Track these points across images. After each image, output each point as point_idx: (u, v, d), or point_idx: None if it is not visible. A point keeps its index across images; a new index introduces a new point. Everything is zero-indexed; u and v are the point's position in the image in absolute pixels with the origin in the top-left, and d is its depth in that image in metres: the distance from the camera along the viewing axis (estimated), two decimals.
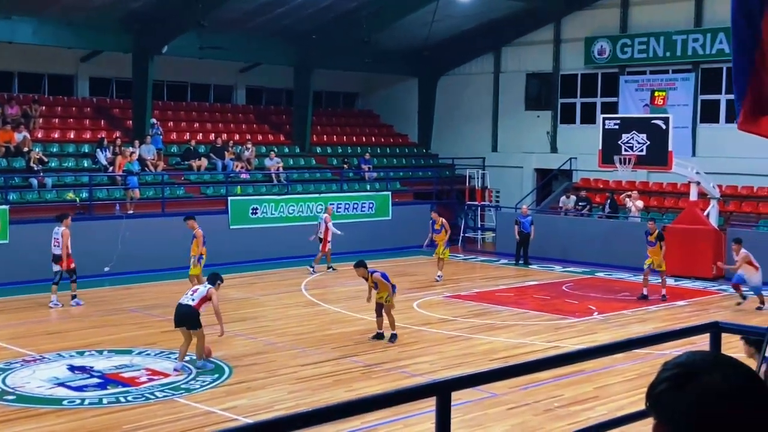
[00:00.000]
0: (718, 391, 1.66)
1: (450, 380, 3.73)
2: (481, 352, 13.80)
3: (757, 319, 15.77)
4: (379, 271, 14.75)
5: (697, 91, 25.93)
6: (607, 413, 10.12)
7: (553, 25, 29.05)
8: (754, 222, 23.06)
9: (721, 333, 5.22)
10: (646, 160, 21.29)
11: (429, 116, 32.30)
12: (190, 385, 11.73)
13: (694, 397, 1.67)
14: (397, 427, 9.81)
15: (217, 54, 25.47)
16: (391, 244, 25.33)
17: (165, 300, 18.02)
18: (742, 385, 1.69)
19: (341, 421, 8.88)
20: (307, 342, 14.38)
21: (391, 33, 27.74)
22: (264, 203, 23.80)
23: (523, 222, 23.41)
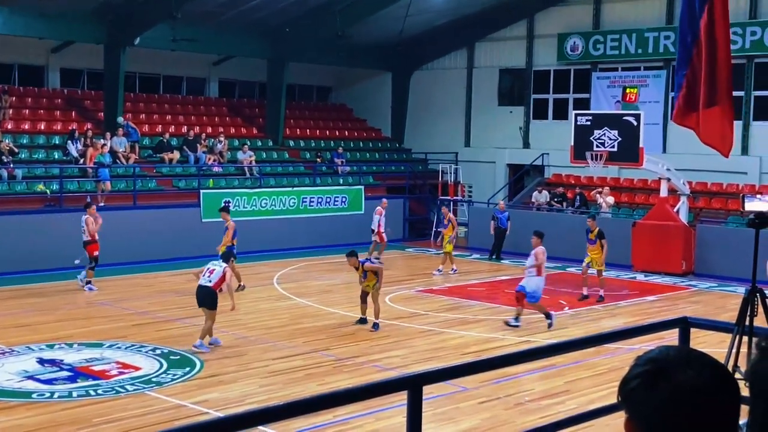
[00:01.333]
0: (691, 388, 1.68)
1: (422, 374, 3.76)
2: (452, 347, 13.86)
3: (725, 315, 15.95)
4: (370, 260, 15.32)
5: (668, 88, 26.14)
6: (578, 407, 10.21)
7: (527, 21, 29.17)
8: (723, 218, 23.33)
9: (690, 328, 5.29)
10: (617, 156, 21.45)
11: (402, 111, 32.33)
12: (161, 379, 11.67)
13: (667, 394, 1.68)
14: (368, 420, 9.84)
15: (190, 46, 25.29)
16: (364, 239, 25.29)
17: (136, 293, 17.95)
18: (714, 382, 1.71)
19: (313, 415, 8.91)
20: (278, 336, 14.36)
21: (365, 27, 27.70)
22: (236, 196, 23.70)
23: (500, 217, 23.53)
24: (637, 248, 21.66)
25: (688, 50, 5.77)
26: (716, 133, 5.96)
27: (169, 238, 21.77)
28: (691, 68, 5.80)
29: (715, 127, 5.88)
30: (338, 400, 3.82)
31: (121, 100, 24.75)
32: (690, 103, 5.83)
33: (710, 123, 5.85)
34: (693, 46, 5.77)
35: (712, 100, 5.78)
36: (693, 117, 5.92)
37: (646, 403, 1.70)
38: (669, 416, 1.68)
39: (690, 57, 5.76)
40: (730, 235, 20.93)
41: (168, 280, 19.48)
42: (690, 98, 5.84)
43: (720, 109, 5.83)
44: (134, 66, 26.44)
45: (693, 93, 5.86)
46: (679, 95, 5.76)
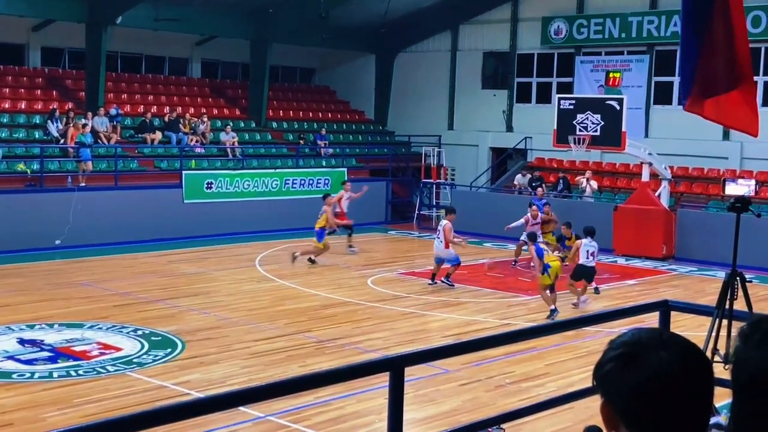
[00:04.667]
0: (664, 369, 1.68)
1: (403, 356, 3.76)
2: (434, 329, 13.91)
3: (705, 299, 16.08)
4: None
5: (651, 73, 26.23)
6: (558, 390, 10.29)
7: (511, 4, 29.12)
8: (703, 203, 23.47)
9: (671, 311, 5.34)
10: (599, 140, 21.49)
11: (386, 93, 32.25)
12: (142, 360, 11.66)
13: (641, 377, 1.69)
14: (349, 402, 9.87)
15: (172, 26, 25.10)
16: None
17: (117, 274, 17.88)
18: (687, 362, 1.72)
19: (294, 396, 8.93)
20: (260, 317, 14.36)
21: (349, 9, 27.58)
22: (219, 178, 23.61)
23: (537, 205, 22.15)
24: (619, 232, 21.77)
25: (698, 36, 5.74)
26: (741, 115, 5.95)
27: (151, 219, 21.69)
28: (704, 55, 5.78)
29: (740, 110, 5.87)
30: (320, 381, 3.82)
31: (102, 79, 24.55)
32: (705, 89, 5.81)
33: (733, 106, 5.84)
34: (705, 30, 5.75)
35: (732, 83, 5.78)
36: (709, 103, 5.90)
37: (621, 386, 1.71)
38: (643, 398, 1.69)
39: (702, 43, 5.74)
40: (710, 220, 21.07)
41: (150, 261, 19.43)
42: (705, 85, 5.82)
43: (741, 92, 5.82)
44: (116, 45, 26.21)
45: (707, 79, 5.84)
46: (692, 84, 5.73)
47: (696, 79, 5.85)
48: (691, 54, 5.89)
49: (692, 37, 5.88)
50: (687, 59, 5.93)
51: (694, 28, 5.86)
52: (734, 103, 6.01)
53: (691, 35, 5.89)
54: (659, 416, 1.69)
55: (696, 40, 5.85)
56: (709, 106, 5.94)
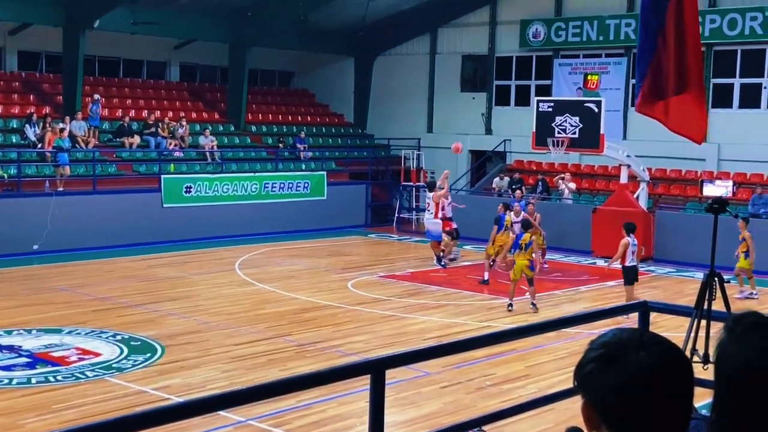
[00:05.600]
0: (644, 369, 1.69)
1: (384, 358, 3.76)
2: (414, 332, 13.92)
3: (684, 299, 16.20)
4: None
5: (628, 75, 26.38)
6: (538, 391, 10.31)
7: (489, 7, 29.22)
8: (681, 205, 23.64)
9: (650, 312, 5.37)
10: (578, 142, 21.62)
11: (365, 96, 32.26)
12: (122, 365, 11.58)
13: (621, 377, 1.69)
14: (331, 405, 9.85)
15: (150, 30, 24.99)
16: (326, 224, 25.32)
17: (95, 278, 17.77)
18: (666, 362, 1.73)
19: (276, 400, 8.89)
20: (240, 321, 14.31)
21: (328, 12, 27.57)
22: (198, 182, 23.52)
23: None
24: (597, 234, 21.87)
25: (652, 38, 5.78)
26: (687, 120, 5.99)
27: (130, 224, 21.57)
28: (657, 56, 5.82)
29: (686, 115, 5.91)
30: (301, 384, 3.81)
31: (80, 83, 24.40)
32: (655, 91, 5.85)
33: (680, 111, 5.87)
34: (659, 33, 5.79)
35: (681, 87, 5.81)
36: (659, 106, 5.93)
37: (602, 387, 1.72)
38: (624, 398, 1.69)
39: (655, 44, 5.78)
40: (688, 221, 21.22)
41: (129, 266, 19.32)
42: (655, 87, 5.86)
43: (690, 96, 5.86)
44: (94, 49, 26.05)
45: (658, 81, 5.88)
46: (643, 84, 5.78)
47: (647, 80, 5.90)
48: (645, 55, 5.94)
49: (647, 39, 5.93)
50: (641, 60, 5.98)
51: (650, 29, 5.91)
52: (683, 107, 6.05)
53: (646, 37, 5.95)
54: (640, 416, 1.69)
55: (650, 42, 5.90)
56: (659, 108, 5.99)
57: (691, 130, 6.28)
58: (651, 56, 6.05)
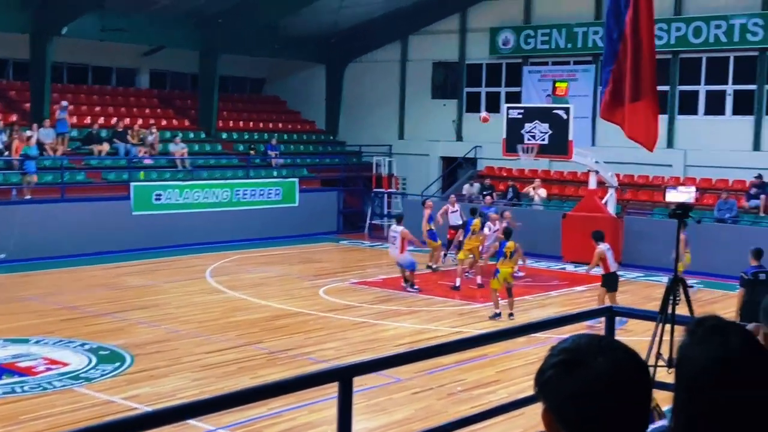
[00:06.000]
0: (603, 375, 1.70)
1: (351, 366, 3.78)
2: (386, 338, 13.94)
3: (651, 304, 16.35)
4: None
5: (597, 82, 26.58)
6: (509, 396, 10.37)
7: (459, 15, 29.37)
8: (649, 210, 23.86)
9: (615, 317, 5.44)
10: (548, 149, 21.77)
11: (336, 103, 32.27)
12: (90, 374, 11.49)
13: (580, 383, 1.70)
14: (301, 413, 9.84)
15: (119, 36, 24.83)
16: (298, 231, 25.27)
17: (64, 287, 17.60)
18: (625, 368, 1.74)
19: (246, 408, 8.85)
20: (211, 329, 14.25)
21: (299, 19, 27.57)
22: (168, 189, 23.39)
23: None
24: (567, 239, 22.04)
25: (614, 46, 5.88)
26: (641, 127, 6.07)
27: (99, 232, 21.40)
28: (617, 64, 5.91)
29: (640, 122, 5.99)
30: (268, 392, 3.82)
31: (48, 91, 24.19)
32: (616, 98, 5.94)
33: (635, 117, 5.96)
34: (619, 41, 5.89)
35: (636, 94, 5.90)
36: (619, 112, 6.03)
37: (561, 393, 1.73)
38: (583, 404, 1.70)
39: (616, 52, 5.87)
40: (655, 226, 21.41)
41: (98, 274, 19.16)
42: (616, 94, 5.96)
43: (644, 104, 5.95)
44: (62, 56, 25.85)
45: (619, 88, 5.98)
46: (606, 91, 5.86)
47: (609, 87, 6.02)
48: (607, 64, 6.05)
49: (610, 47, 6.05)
50: (605, 68, 6.10)
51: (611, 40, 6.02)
52: (637, 114, 6.18)
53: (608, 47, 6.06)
54: (599, 422, 1.71)
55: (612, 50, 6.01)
56: (620, 114, 6.11)
57: (644, 137, 6.39)
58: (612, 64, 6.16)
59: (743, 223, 21.90)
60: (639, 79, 5.70)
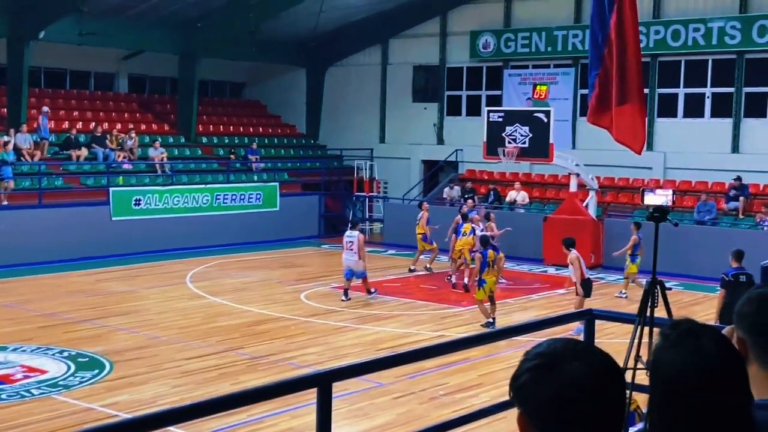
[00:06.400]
0: (578, 379, 1.70)
1: (330, 371, 3.75)
2: (367, 343, 13.90)
3: (632, 306, 16.40)
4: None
5: (577, 86, 26.74)
6: (491, 399, 10.37)
7: (440, 18, 29.42)
8: (629, 212, 23.96)
9: (595, 320, 5.44)
10: (528, 152, 21.83)
11: (317, 107, 32.23)
12: (69, 382, 11.38)
13: (555, 387, 1.70)
14: (283, 419, 9.79)
15: (97, 41, 24.68)
16: (279, 236, 25.19)
17: (42, 294, 17.44)
18: (600, 372, 1.73)
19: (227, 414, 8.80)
20: (191, 335, 14.16)
21: (279, 22, 27.51)
22: (148, 194, 23.25)
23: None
24: (548, 242, 22.08)
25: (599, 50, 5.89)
26: (628, 130, 6.10)
27: (78, 238, 21.23)
28: (603, 67, 5.93)
29: (627, 125, 6.02)
30: (247, 399, 3.78)
31: (25, 95, 24.00)
32: (603, 102, 5.96)
33: (622, 121, 5.98)
34: (604, 45, 5.91)
35: (623, 98, 5.92)
36: (607, 116, 6.05)
37: (537, 397, 1.72)
38: (559, 408, 1.70)
39: (602, 56, 5.89)
40: None
41: (77, 281, 19.01)
42: (603, 97, 5.97)
43: (631, 107, 5.97)
44: (39, 60, 25.65)
45: (606, 92, 5.99)
46: (593, 95, 5.88)
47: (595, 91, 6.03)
48: (593, 68, 6.06)
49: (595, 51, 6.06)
50: (591, 73, 6.11)
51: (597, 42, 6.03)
52: (624, 117, 6.19)
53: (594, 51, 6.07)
54: (575, 426, 1.70)
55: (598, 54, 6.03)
56: (607, 118, 6.12)
57: (631, 140, 6.41)
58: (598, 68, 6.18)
59: (722, 225, 22.04)
60: (625, 83, 5.74)
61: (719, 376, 1.84)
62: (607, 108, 6.03)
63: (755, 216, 21.85)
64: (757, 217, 21.61)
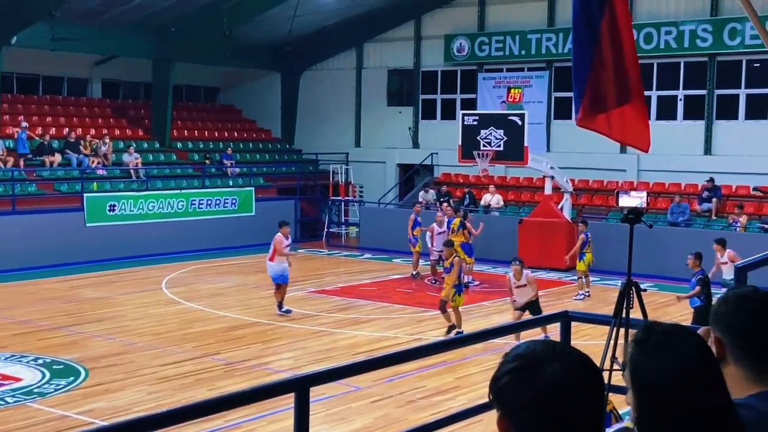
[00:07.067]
0: (559, 381, 1.71)
1: (307, 376, 3.75)
2: (344, 347, 13.89)
3: (608, 308, 16.50)
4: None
5: (550, 89, 26.89)
6: (468, 402, 10.39)
7: (414, 22, 29.48)
8: (604, 214, 24.13)
9: (571, 322, 5.47)
10: (503, 155, 21.91)
11: (292, 111, 32.18)
12: (43, 389, 11.29)
13: (538, 388, 1.70)
14: (260, 424, 9.76)
15: (70, 46, 24.49)
16: (255, 241, 25.05)
17: (16, 301, 17.28)
18: (580, 373, 1.74)
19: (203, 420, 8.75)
20: (167, 341, 14.09)
21: (253, 27, 27.44)
22: (122, 200, 23.11)
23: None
24: (524, 245, 22.17)
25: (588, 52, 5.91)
26: (632, 130, 6.13)
27: (52, 244, 21.06)
28: (595, 70, 5.95)
29: (631, 125, 6.05)
30: (223, 405, 3.78)
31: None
32: (596, 105, 5.97)
33: (624, 121, 6.01)
34: (594, 47, 5.93)
35: (623, 98, 5.95)
36: (601, 119, 6.07)
37: (518, 399, 1.72)
38: (540, 409, 1.70)
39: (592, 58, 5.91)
40: (610, 231, 21.62)
41: (51, 288, 18.84)
42: (596, 100, 5.99)
43: (632, 107, 6.00)
44: (11, 66, 25.41)
45: (598, 95, 6.01)
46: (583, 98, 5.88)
47: (587, 95, 6.04)
48: (581, 70, 6.08)
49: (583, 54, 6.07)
50: (578, 75, 6.12)
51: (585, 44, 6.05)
52: (626, 118, 6.21)
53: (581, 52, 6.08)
54: (556, 426, 1.71)
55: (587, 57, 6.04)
56: (601, 120, 6.14)
57: (637, 139, 6.43)
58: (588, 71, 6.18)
59: (696, 226, 22.24)
60: (625, 82, 5.77)
61: (703, 377, 1.86)
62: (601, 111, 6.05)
63: (728, 217, 22.08)
64: (729, 219, 21.83)
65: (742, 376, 2.17)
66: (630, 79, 6.05)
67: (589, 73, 6.00)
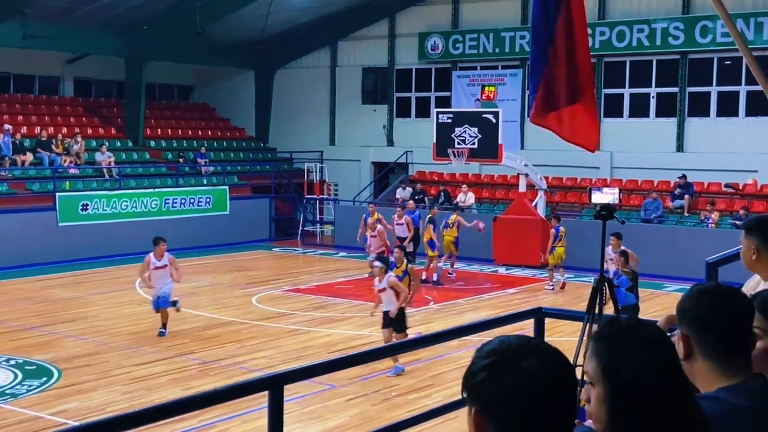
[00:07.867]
0: (536, 375, 1.71)
1: (281, 374, 3.75)
2: (319, 345, 13.87)
3: (582, 304, 16.60)
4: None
5: (524, 86, 26.96)
6: (443, 399, 10.41)
7: (388, 20, 29.48)
8: (578, 212, 24.27)
9: (545, 318, 5.50)
10: (477, 152, 21.98)
11: (266, 110, 32.08)
12: (16, 390, 11.18)
13: (515, 383, 1.70)
14: (234, 423, 9.73)
15: (42, 44, 24.27)
16: (230, 239, 25.03)
17: None
18: (555, 368, 1.75)
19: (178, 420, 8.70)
20: (141, 341, 14.00)
21: (226, 25, 27.32)
22: (95, 199, 22.92)
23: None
24: (498, 242, 22.27)
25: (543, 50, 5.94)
26: (580, 129, 6.15)
27: (24, 244, 20.86)
28: (549, 68, 5.97)
29: (578, 124, 6.08)
30: (197, 404, 3.76)
31: None
32: (548, 102, 6.00)
33: (573, 120, 6.04)
34: (549, 45, 5.96)
35: (573, 97, 5.97)
36: (552, 116, 6.09)
37: (494, 394, 1.71)
38: (516, 404, 1.70)
39: (547, 56, 5.93)
40: (584, 228, 21.75)
41: (23, 288, 18.66)
42: (548, 98, 6.01)
43: (581, 106, 6.03)
44: None
45: (551, 92, 6.04)
46: (536, 95, 5.91)
47: (540, 92, 6.07)
48: (537, 67, 6.11)
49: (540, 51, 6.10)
50: (534, 72, 6.15)
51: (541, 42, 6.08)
52: (576, 117, 6.25)
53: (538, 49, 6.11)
54: (532, 421, 1.71)
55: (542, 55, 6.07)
56: (552, 118, 6.17)
57: (584, 139, 6.46)
58: (543, 68, 6.22)
59: (668, 223, 22.44)
60: (575, 82, 5.79)
61: (671, 370, 1.89)
62: (552, 108, 6.08)
63: (700, 214, 22.28)
64: (701, 215, 22.04)
65: (710, 371, 2.20)
66: (581, 78, 6.08)
67: (544, 71, 6.03)
